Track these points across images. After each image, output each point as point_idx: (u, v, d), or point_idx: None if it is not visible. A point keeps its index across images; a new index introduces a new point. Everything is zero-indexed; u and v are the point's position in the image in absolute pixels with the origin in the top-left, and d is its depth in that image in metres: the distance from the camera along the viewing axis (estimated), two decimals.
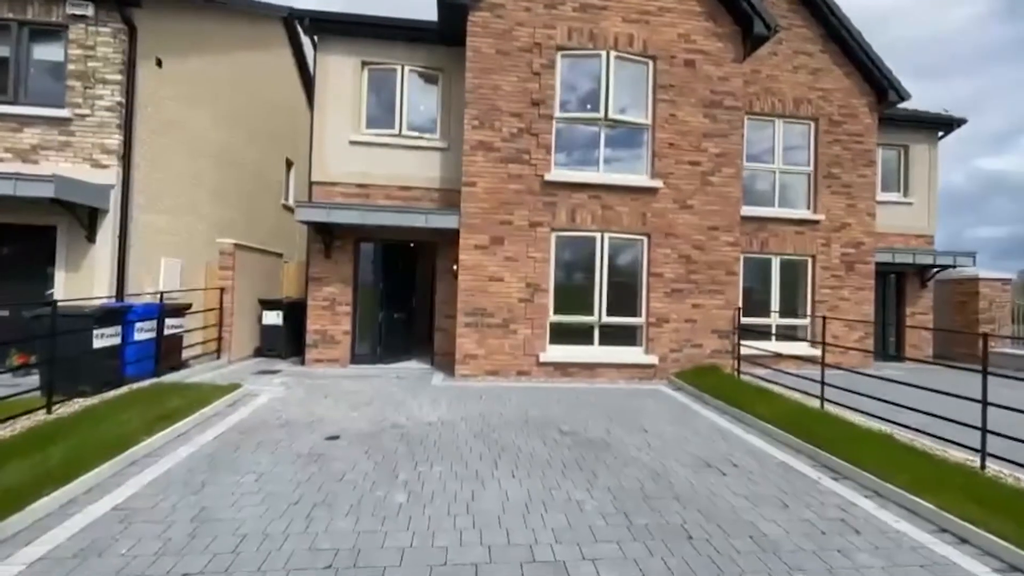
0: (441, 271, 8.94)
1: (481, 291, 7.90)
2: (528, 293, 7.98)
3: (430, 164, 8.86)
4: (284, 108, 13.34)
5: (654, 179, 8.31)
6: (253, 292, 9.43)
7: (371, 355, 8.84)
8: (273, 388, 6.82)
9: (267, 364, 8.75)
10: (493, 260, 7.94)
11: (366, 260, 8.88)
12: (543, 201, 8.07)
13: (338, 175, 8.65)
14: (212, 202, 9.97)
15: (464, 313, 7.86)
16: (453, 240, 8.66)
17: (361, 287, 8.83)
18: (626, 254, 8.41)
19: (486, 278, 7.92)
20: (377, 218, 7.86)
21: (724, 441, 5.26)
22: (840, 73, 10.81)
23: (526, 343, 7.96)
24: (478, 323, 7.88)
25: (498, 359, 7.92)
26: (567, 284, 8.23)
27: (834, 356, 10.25)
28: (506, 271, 7.96)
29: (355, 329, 8.76)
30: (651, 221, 8.31)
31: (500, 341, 7.92)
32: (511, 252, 7.97)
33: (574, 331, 8.29)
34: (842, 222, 10.64)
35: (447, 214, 8.03)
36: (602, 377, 8.13)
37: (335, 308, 8.63)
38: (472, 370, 7.87)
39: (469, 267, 7.88)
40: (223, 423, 5.22)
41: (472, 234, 7.91)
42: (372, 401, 6.31)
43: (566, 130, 8.32)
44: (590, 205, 8.18)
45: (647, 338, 8.31)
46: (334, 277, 8.64)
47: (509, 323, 7.94)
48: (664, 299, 8.31)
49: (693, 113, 8.45)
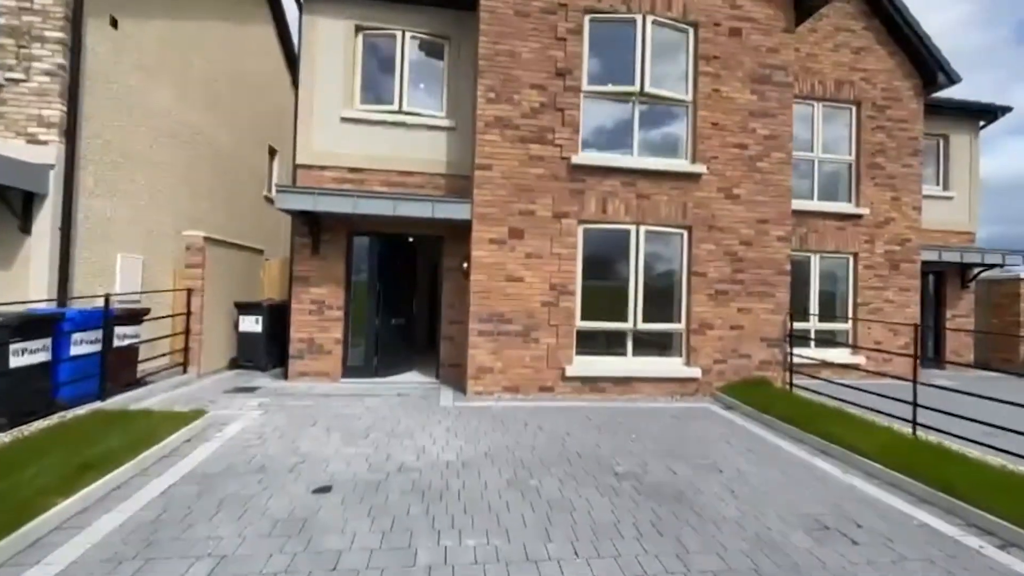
0: (448, 270, 7.75)
1: (498, 293, 6.71)
2: (552, 296, 6.82)
3: (435, 146, 7.66)
4: (266, 91, 12.02)
5: (696, 164, 7.21)
6: (228, 294, 8.14)
7: (366, 367, 7.61)
8: (248, 412, 5.56)
9: (244, 379, 7.46)
10: (511, 257, 6.76)
11: (360, 257, 7.65)
12: (569, 188, 6.92)
13: (327, 157, 7.40)
14: (182, 191, 8.64)
15: (478, 319, 6.67)
16: (463, 234, 7.48)
17: (354, 288, 7.60)
18: (664, 250, 7.29)
19: (503, 278, 6.74)
20: (374, 206, 6.64)
21: (824, 486, 4.14)
22: (884, 53, 9.83)
23: (550, 354, 6.80)
24: (494, 331, 6.70)
25: (517, 373, 6.75)
26: (597, 285, 7.08)
27: (877, 363, 9.31)
28: (527, 270, 6.79)
29: (347, 337, 7.53)
30: (693, 212, 7.20)
31: (520, 352, 6.74)
32: (532, 247, 6.80)
33: (605, 340, 7.15)
34: (886, 217, 9.65)
35: (457, 202, 6.83)
36: (638, 393, 6.99)
37: (324, 313, 7.38)
38: (487, 386, 6.68)
39: (484, 265, 6.70)
40: (176, 469, 3.96)
41: (487, 226, 6.73)
42: (370, 430, 5.09)
43: (595, 106, 7.18)
44: (623, 193, 7.05)
45: (688, 347, 7.20)
46: (323, 277, 7.40)
47: (530, 331, 6.77)
48: (707, 302, 7.21)
49: (739, 89, 7.36)
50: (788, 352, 7.34)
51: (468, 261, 7.02)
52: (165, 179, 8.22)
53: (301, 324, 7.33)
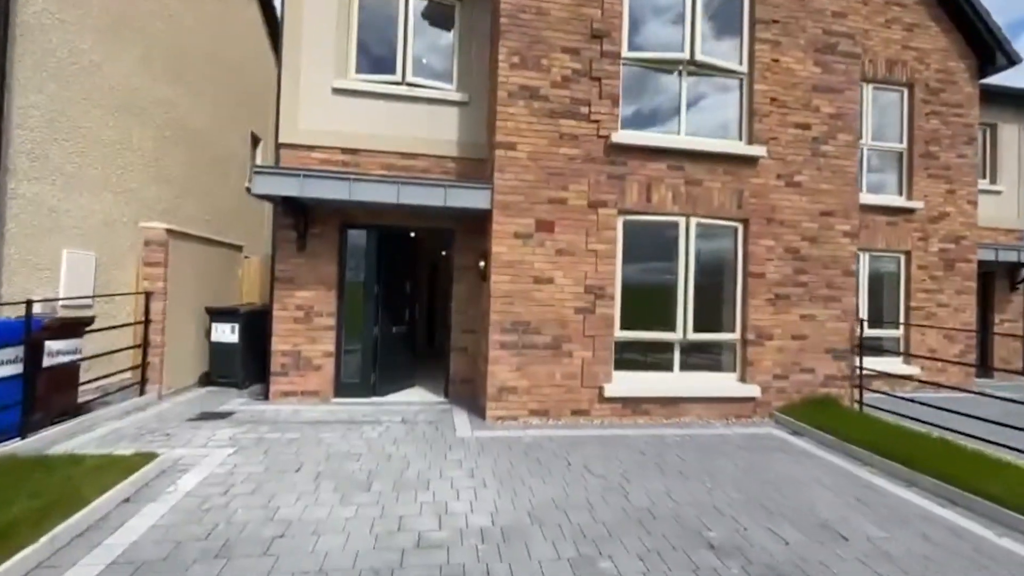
0: (460, 269, 6.61)
1: (523, 298, 5.59)
2: (588, 300, 5.71)
3: (444, 123, 6.51)
4: (248, 71, 10.76)
5: (753, 145, 6.14)
6: (198, 297, 6.91)
7: (363, 384, 6.44)
8: (215, 452, 4.36)
9: (216, 400, 6.25)
10: (540, 254, 5.64)
11: (355, 254, 6.48)
12: (607, 173, 5.81)
13: (316, 136, 6.22)
14: (146, 178, 7.38)
15: (500, 329, 5.54)
16: (478, 227, 6.36)
17: (348, 291, 6.44)
18: (716, 247, 6.21)
19: (530, 279, 5.62)
20: (374, 192, 5.48)
21: (993, 562, 3.07)
22: (938, 30, 8.88)
23: (585, 370, 5.69)
24: (519, 343, 5.57)
25: (546, 393, 5.63)
26: (639, 288, 5.99)
27: (931, 373, 8.37)
28: (557, 269, 5.68)
29: (340, 349, 6.36)
30: (749, 202, 6.14)
31: (549, 368, 5.63)
32: (564, 242, 5.69)
33: (648, 353, 6.07)
34: (940, 211, 8.71)
35: (475, 188, 5.69)
36: (687, 415, 5.92)
37: (312, 320, 6.20)
38: (510, 409, 5.56)
39: (506, 264, 5.57)
40: (95, 556, 2.78)
41: (510, 217, 5.60)
42: (373, 477, 3.93)
43: (637, 76, 6.08)
44: (670, 179, 5.96)
45: (744, 361, 6.14)
46: (311, 277, 6.22)
47: (561, 342, 5.65)
48: (766, 308, 6.16)
49: (801, 59, 6.31)
50: (857, 365, 6.32)
51: (486, 259, 5.90)
52: (128, 162, 6.97)
53: (285, 334, 6.14)
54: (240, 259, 8.33)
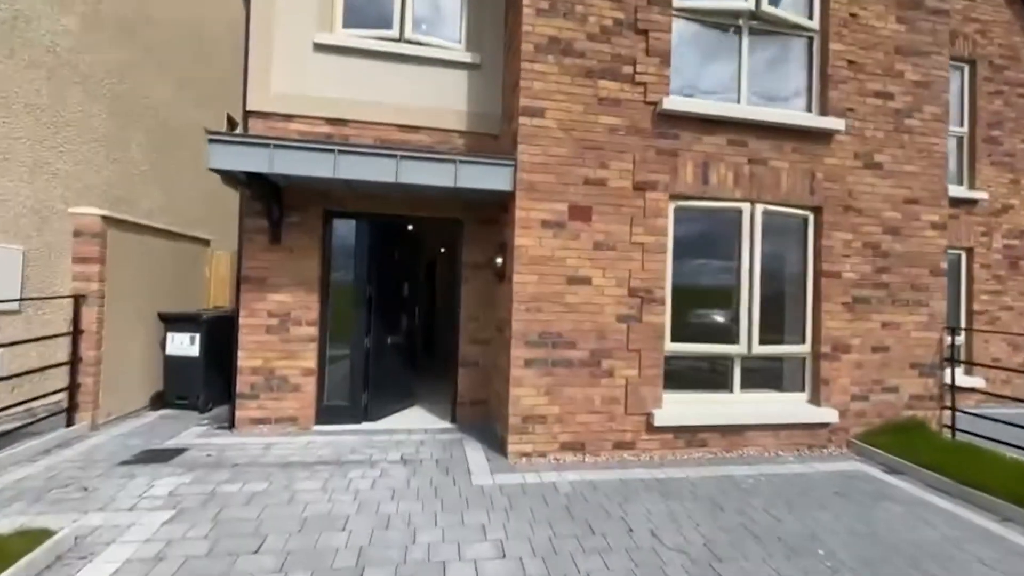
0: (470, 267, 5.46)
1: (553, 302, 4.46)
2: (633, 305, 4.60)
3: (450, 90, 5.36)
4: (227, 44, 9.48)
5: (826, 117, 5.07)
6: (152, 301, 5.69)
7: (352, 408, 5.27)
8: (143, 519, 3.16)
9: (167, 429, 5.04)
10: (574, 248, 4.51)
11: (343, 248, 5.32)
12: (656, 148, 4.70)
13: (293, 102, 5.05)
14: (96, 159, 6.14)
15: (524, 342, 4.40)
16: (493, 215, 5.24)
17: (334, 294, 5.27)
18: (783, 240, 5.13)
19: (561, 279, 4.48)
20: (366, 168, 4.32)
21: None
22: (1000, 0, 7.92)
23: (630, 393, 4.57)
24: (548, 359, 4.43)
25: (582, 422, 4.50)
26: (693, 290, 4.89)
27: (993, 385, 7.40)
28: (595, 267, 4.55)
29: (324, 365, 5.19)
30: (823, 186, 5.07)
31: (586, 391, 4.50)
32: (604, 234, 4.57)
33: (701, 370, 4.98)
34: (1003, 203, 7.73)
35: (493, 163, 4.54)
36: (751, 446, 4.82)
37: (289, 329, 5.02)
38: (538, 443, 4.42)
39: (532, 260, 4.43)
40: None
41: (537, 201, 4.46)
42: (364, 562, 2.77)
43: (690, 32, 4.98)
44: (731, 157, 4.86)
45: (817, 379, 5.06)
46: (287, 277, 5.04)
47: (601, 358, 4.53)
48: (842, 314, 5.08)
49: (882, 15, 5.25)
50: (947, 383, 5.28)
51: (505, 254, 4.76)
52: (68, 139, 5.73)
53: (254, 347, 4.96)
54: (207, 255, 7.10)
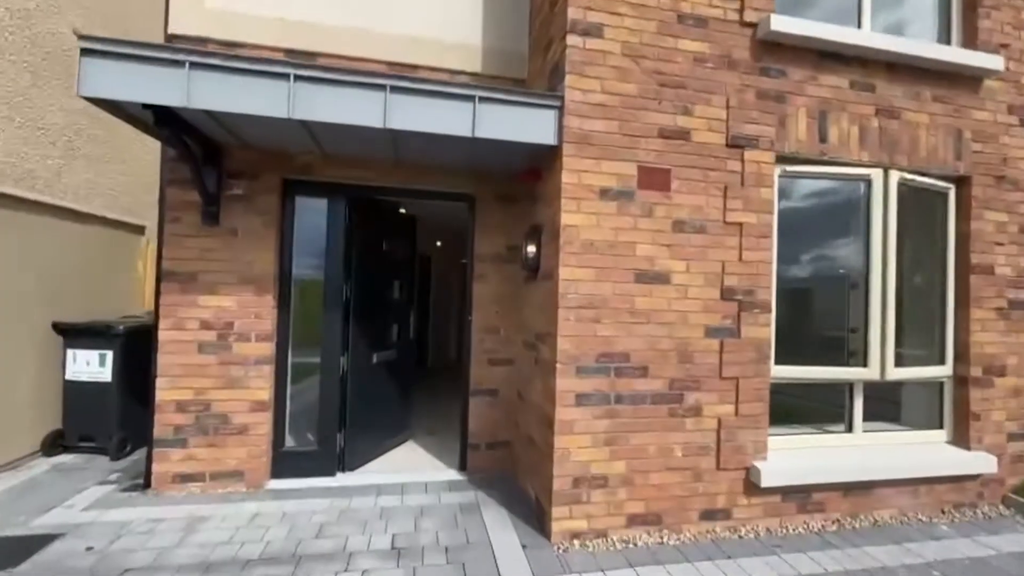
0: (487, 260, 4.02)
1: (616, 308, 3.03)
2: (727, 313, 3.19)
3: (458, 14, 3.92)
4: None
5: (976, 52, 3.71)
6: (51, 306, 4.15)
7: (322, 454, 3.81)
8: None
9: (48, 495, 3.52)
10: (645, 229, 3.09)
11: (311, 233, 3.85)
12: (757, 88, 3.30)
13: (238, 24, 3.56)
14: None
15: (575, 368, 2.97)
16: (515, 189, 3.79)
17: (299, 296, 3.81)
18: (914, 223, 3.76)
19: (629, 275, 3.06)
20: (337, 105, 2.85)
21: None
22: None
23: (724, 438, 3.17)
24: (608, 393, 3.01)
25: (657, 484, 3.09)
26: (801, 291, 3.51)
27: None
28: (676, 257, 3.13)
29: (282, 395, 3.72)
30: (971, 148, 3.71)
31: (663, 437, 3.09)
32: (687, 209, 3.16)
33: (800, 399, 3.60)
34: None
35: (530, 103, 3.09)
36: (882, 508, 3.44)
37: (232, 347, 3.54)
38: (596, 517, 2.99)
39: (587, 246, 3.00)
40: None
41: (593, 160, 3.03)
42: None
43: None
44: (855, 105, 3.48)
45: (963, 411, 3.70)
46: (230, 272, 3.56)
47: (684, 390, 3.12)
48: (996, 323, 3.73)
49: None
50: None
51: (541, 240, 3.33)
52: None
53: (181, 372, 3.47)
54: (140, 245, 5.56)
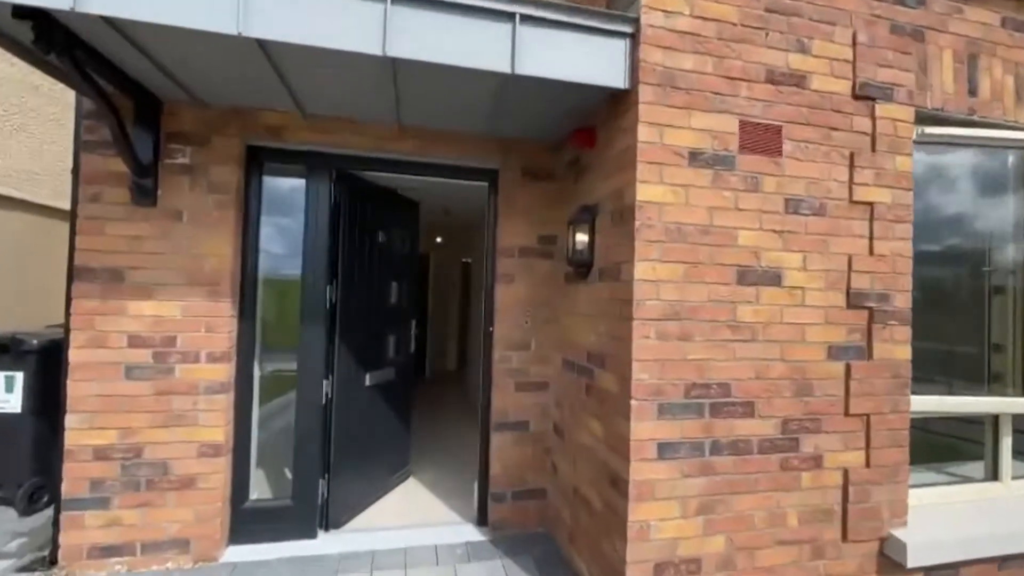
0: (511, 254, 3.13)
1: (712, 321, 2.17)
2: (855, 326, 2.34)
3: None
4: None
5: None
6: None
7: (298, 510, 2.89)
8: None
9: None
10: (748, 208, 2.23)
11: (282, 221, 2.94)
12: (891, 20, 2.44)
13: None
14: None
15: (655, 405, 2.09)
16: (550, 164, 2.88)
17: (267, 302, 2.90)
18: None
19: (728, 272, 2.19)
20: (312, 22, 1.96)
21: None
22: None
23: (853, 497, 2.31)
24: (704, 442, 2.14)
25: (767, 565, 2.22)
26: (932, 295, 2.68)
27: None
28: (789, 249, 2.27)
29: (244, 435, 2.80)
30: None
31: (773, 499, 2.22)
32: (803, 182, 2.30)
33: (927, 433, 2.76)
34: None
35: (589, 27, 2.20)
36: None
37: (172, 371, 2.61)
38: None
39: (670, 232, 2.13)
40: None
41: (678, 111, 2.16)
42: None
43: None
44: (1007, 50, 2.65)
45: None
46: (170, 269, 2.63)
47: (799, 433, 2.26)
48: None
49: None
50: None
51: (591, 228, 2.46)
52: None
53: (101, 406, 2.54)
54: None
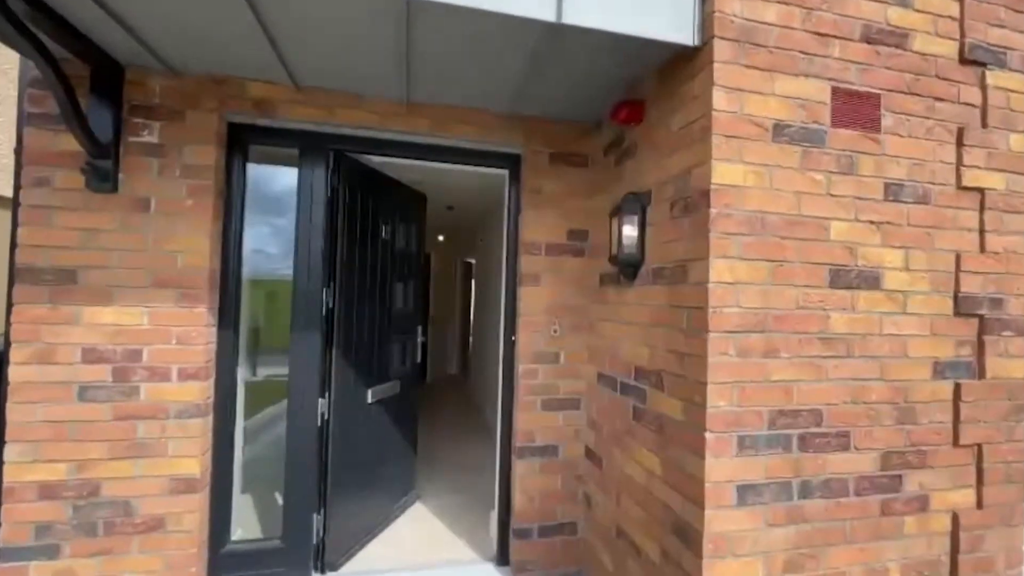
0: (537, 251, 2.71)
1: (798, 329, 1.74)
2: (963, 337, 1.92)
3: None
4: None
5: None
6: None
7: (290, 552, 2.46)
8: None
9: None
10: (841, 194, 1.79)
11: (270, 213, 2.52)
12: None
13: None
14: None
15: (735, 438, 1.66)
16: (581, 146, 2.44)
17: (253, 307, 2.47)
18: None
19: (818, 271, 1.77)
20: None
21: None
22: None
23: (964, 546, 1.90)
24: (793, 483, 1.73)
25: None
26: None
27: None
28: (889, 244, 1.84)
29: (224, 465, 2.37)
30: None
31: (867, 552, 1.80)
32: (904, 164, 1.86)
33: None
34: None
35: None
36: None
37: (137, 391, 2.17)
38: None
39: (752, 223, 1.71)
40: None
41: (754, 70, 1.74)
42: None
43: None
44: None
45: None
46: (134, 269, 2.19)
47: (902, 469, 1.83)
48: None
49: None
50: None
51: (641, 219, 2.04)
52: None
53: (48, 432, 2.10)
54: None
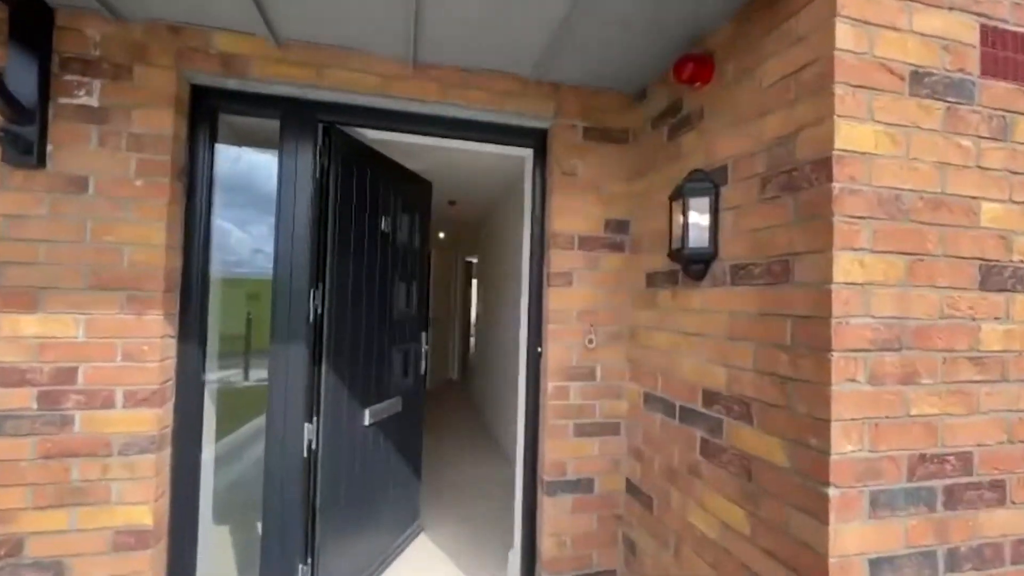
0: (567, 245, 2.26)
1: (941, 345, 1.31)
2: None
3: None
4: None
5: None
6: None
7: None
8: None
9: None
10: (990, 167, 1.37)
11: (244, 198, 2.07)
12: None
13: None
14: None
15: (867, 494, 1.23)
16: (622, 120, 1.95)
17: (221, 314, 2.01)
18: None
19: (965, 269, 1.33)
20: None
21: None
22: None
23: None
24: (937, 554, 1.27)
25: None
26: None
27: None
28: None
29: (188, 514, 1.91)
30: None
31: None
32: None
33: None
34: None
35: None
36: None
37: (71, 422, 1.70)
38: None
39: (882, 204, 1.27)
40: None
41: (888, 8, 1.33)
42: None
43: None
44: None
45: None
46: (67, 266, 1.72)
47: None
48: None
49: None
50: None
51: (714, 202, 1.59)
52: None
53: None
54: None
